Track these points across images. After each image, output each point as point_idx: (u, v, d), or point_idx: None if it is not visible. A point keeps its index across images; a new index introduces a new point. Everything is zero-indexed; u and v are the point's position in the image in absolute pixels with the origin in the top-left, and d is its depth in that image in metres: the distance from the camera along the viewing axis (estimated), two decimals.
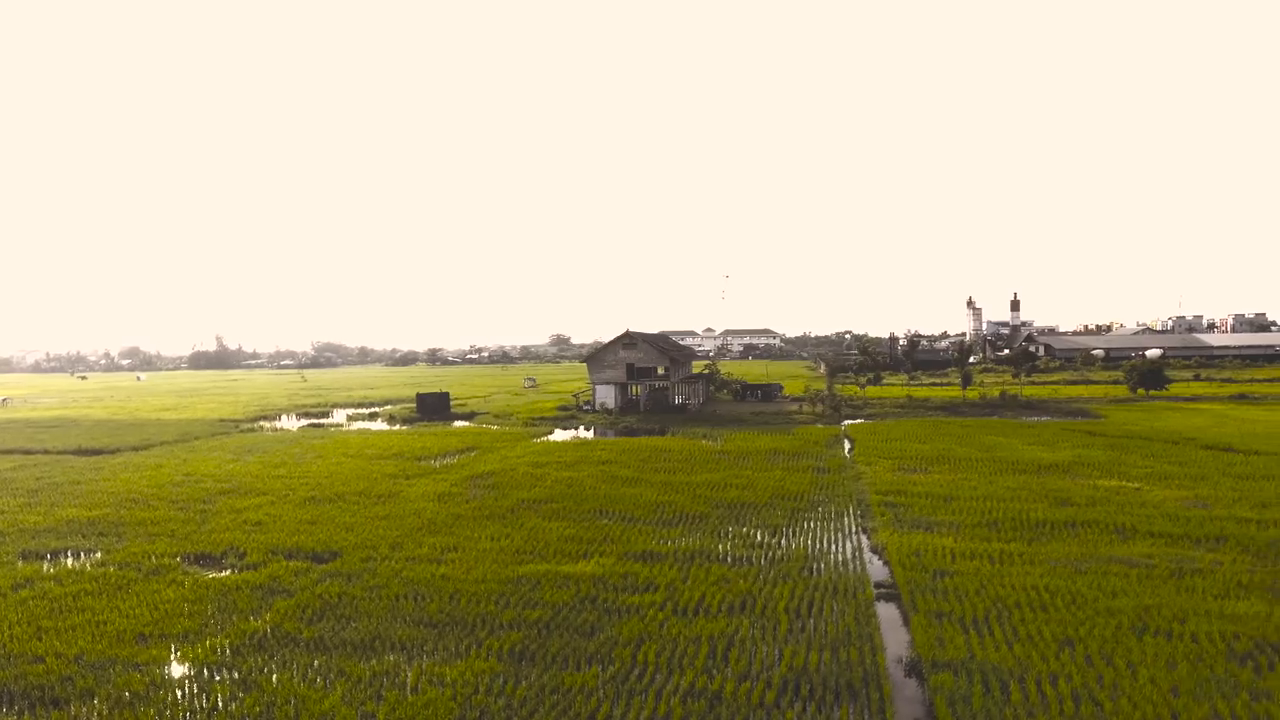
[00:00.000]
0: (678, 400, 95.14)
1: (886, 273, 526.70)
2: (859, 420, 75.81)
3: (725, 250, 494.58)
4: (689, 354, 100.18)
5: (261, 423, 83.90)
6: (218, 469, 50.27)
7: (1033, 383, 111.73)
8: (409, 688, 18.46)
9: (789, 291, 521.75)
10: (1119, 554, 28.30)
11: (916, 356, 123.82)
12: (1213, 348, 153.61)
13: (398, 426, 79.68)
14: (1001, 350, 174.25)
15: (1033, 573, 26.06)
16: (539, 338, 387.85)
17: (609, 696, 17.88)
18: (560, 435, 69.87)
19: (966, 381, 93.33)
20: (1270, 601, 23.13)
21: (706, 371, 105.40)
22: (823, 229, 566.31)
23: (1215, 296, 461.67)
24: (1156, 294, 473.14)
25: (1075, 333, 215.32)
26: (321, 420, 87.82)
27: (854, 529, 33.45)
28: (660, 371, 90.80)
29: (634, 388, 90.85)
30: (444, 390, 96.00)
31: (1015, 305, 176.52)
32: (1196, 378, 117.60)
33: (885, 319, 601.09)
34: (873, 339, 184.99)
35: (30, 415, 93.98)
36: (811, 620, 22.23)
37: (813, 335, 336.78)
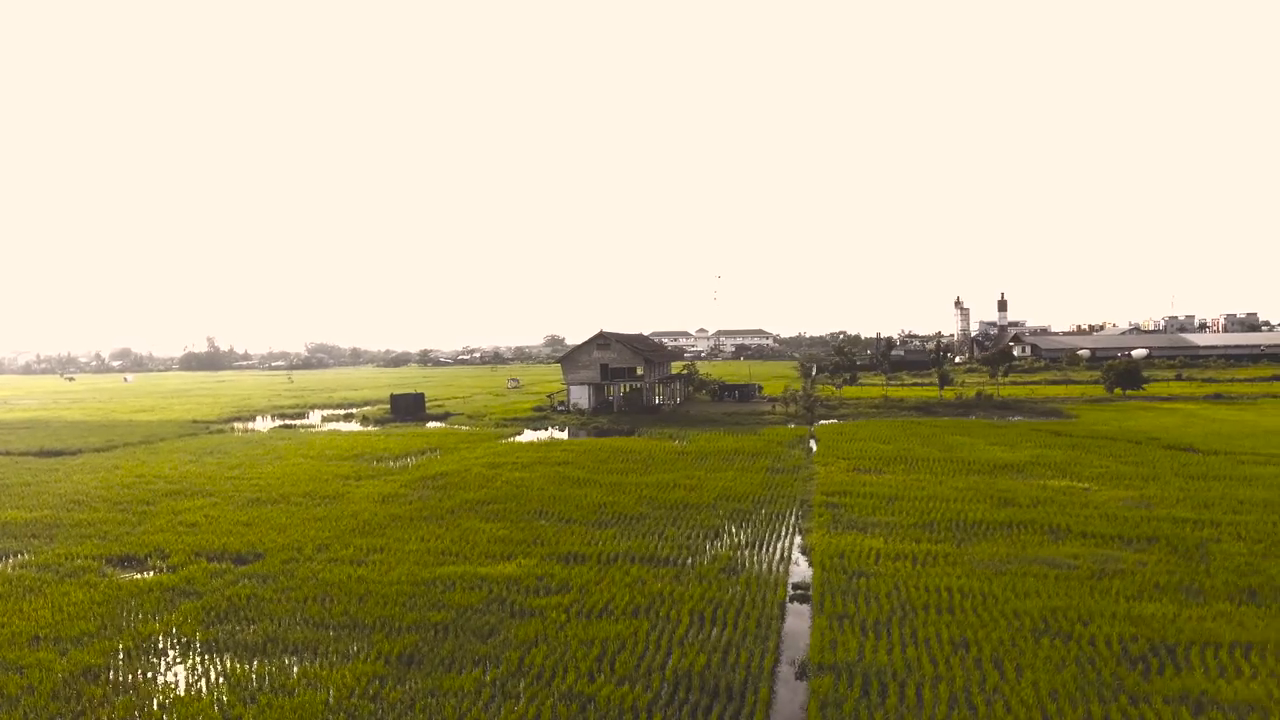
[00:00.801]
0: (656, 401, 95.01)
1: (884, 274, 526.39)
2: (831, 421, 75.61)
3: (722, 251, 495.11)
4: (667, 354, 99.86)
5: (235, 424, 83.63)
6: (173, 470, 50.03)
7: (1012, 383, 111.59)
8: (287, 691, 18.24)
9: (787, 293, 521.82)
10: (1046, 555, 28.09)
11: (894, 357, 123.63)
12: (1199, 347, 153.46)
13: (370, 427, 79.43)
14: (989, 350, 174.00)
15: (951, 574, 25.85)
16: (534, 338, 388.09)
17: (484, 700, 17.66)
18: (530, 436, 69.61)
19: (944, 382, 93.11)
20: (1181, 603, 22.94)
21: (685, 372, 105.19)
22: (822, 230, 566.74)
23: (1209, 297, 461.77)
24: (1152, 294, 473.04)
25: (1068, 333, 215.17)
26: (295, 421, 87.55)
27: (790, 530, 33.23)
28: (639, 372, 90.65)
29: (609, 388, 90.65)
30: (420, 391, 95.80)
31: (1003, 305, 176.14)
32: (1179, 377, 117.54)
33: (882, 320, 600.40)
34: (857, 339, 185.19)
35: (4, 417, 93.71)
36: (714, 623, 21.99)
37: (809, 335, 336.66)
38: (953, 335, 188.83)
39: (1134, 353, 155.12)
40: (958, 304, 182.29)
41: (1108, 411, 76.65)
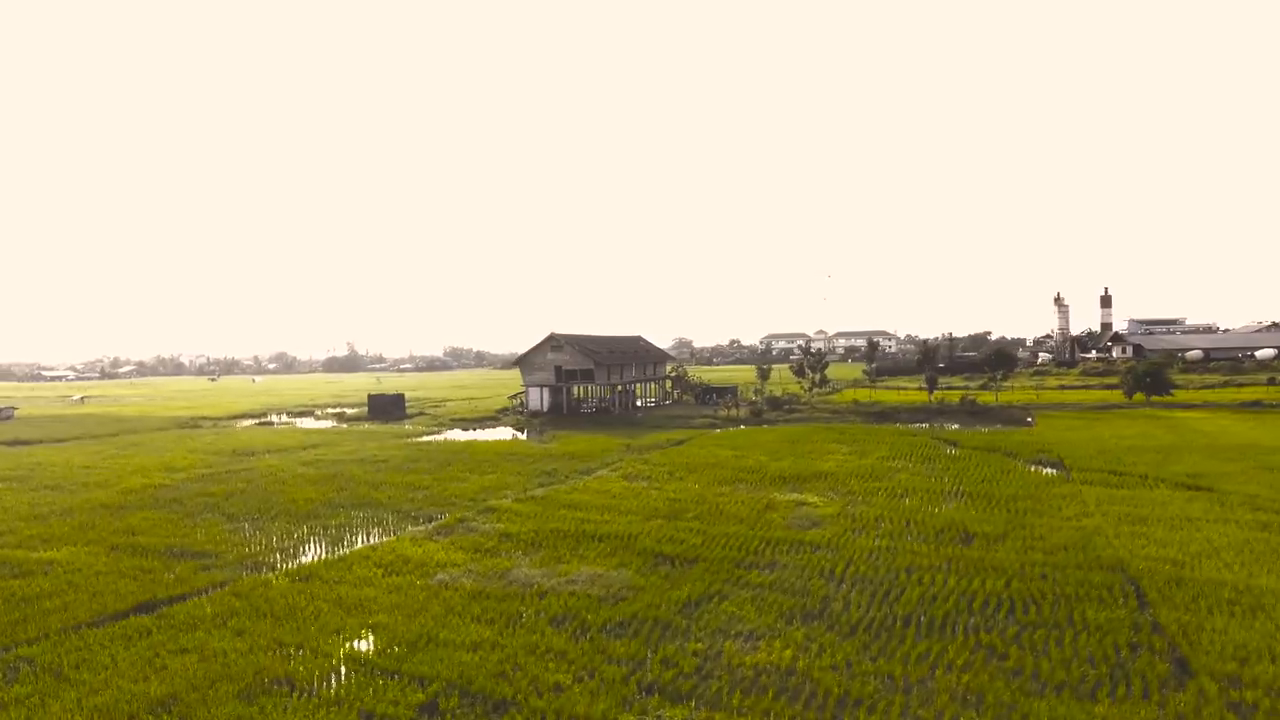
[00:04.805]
0: (636, 402, 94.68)
1: (1033, 273, 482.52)
2: (764, 425, 72.05)
3: (854, 253, 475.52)
4: (642, 356, 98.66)
5: (223, 421, 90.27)
6: (62, 459, 56.36)
7: (1059, 386, 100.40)
8: None
9: (931, 293, 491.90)
10: (518, 569, 26.38)
11: (879, 359, 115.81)
12: None
13: (340, 425, 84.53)
14: (1089, 351, 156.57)
15: (382, 585, 25.03)
16: (662, 341, 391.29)
17: None
18: (449, 435, 71.45)
19: (931, 386, 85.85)
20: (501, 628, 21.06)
21: (674, 374, 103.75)
22: (974, 231, 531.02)
23: None
24: None
25: (1246, 330, 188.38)
26: (279, 419, 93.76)
27: (399, 534, 32.94)
28: (625, 373, 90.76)
29: (578, 389, 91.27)
30: (400, 393, 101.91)
31: (1106, 301, 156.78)
32: (1270, 381, 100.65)
33: (1035, 319, 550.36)
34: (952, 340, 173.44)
35: (73, 411, 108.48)
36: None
37: (951, 336, 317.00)
38: (1049, 335, 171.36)
39: (1259, 353, 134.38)
40: (1057, 300, 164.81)
41: (1074, 420, 67.53)
